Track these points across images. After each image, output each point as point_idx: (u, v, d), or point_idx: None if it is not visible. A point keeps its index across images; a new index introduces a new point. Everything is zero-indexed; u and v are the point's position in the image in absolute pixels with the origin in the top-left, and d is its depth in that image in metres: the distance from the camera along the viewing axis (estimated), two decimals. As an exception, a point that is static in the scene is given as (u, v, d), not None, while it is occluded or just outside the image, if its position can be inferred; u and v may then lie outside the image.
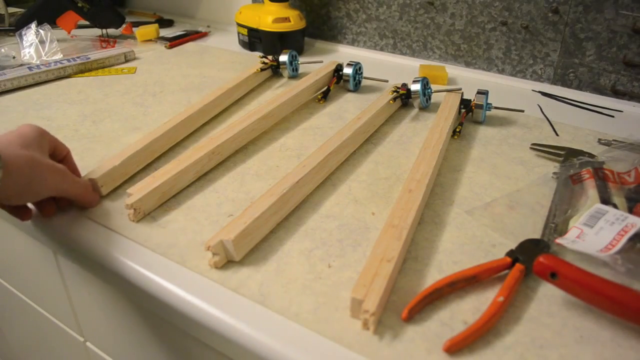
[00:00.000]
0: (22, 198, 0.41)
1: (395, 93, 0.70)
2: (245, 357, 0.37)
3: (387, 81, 0.80)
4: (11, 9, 1.21)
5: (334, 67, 0.79)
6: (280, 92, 0.70)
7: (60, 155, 0.47)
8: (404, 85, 0.72)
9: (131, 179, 0.54)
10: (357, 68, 0.78)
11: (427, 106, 0.72)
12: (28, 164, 0.39)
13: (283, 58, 0.81)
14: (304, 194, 0.50)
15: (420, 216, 0.47)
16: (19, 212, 0.45)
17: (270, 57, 0.84)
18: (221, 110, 0.71)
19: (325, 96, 0.75)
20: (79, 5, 0.98)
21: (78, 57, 0.86)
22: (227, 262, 0.42)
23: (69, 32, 1.01)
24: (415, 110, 0.72)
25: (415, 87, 0.69)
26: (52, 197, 0.45)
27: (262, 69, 0.80)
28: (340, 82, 0.79)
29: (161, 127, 0.60)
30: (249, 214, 0.43)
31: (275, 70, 0.84)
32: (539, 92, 0.80)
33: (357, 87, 0.79)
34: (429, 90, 0.72)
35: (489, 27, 0.84)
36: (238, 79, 0.76)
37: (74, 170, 0.49)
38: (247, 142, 0.61)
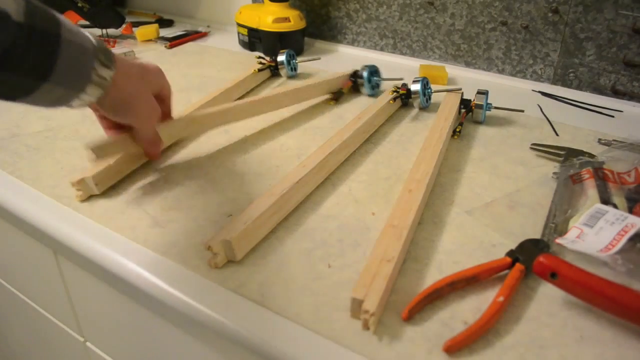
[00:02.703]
0: (116, 113, 0.44)
1: (395, 93, 0.70)
2: (245, 357, 0.37)
3: (402, 79, 0.77)
4: (11, 9, 1.20)
5: (349, 72, 0.77)
6: (277, 90, 0.70)
7: (163, 96, 0.51)
8: (404, 85, 0.72)
9: (128, 178, 0.54)
10: (375, 70, 0.77)
11: (427, 106, 0.72)
12: (134, 91, 0.44)
13: (281, 58, 0.82)
14: (304, 194, 0.50)
15: (420, 216, 0.47)
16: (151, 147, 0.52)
17: (268, 58, 0.84)
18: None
19: (337, 98, 0.74)
20: (79, 5, 0.98)
21: (78, 57, 0.86)
22: (227, 262, 0.42)
23: (69, 32, 1.01)
24: (415, 110, 0.72)
25: (415, 87, 0.69)
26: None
27: (259, 70, 0.80)
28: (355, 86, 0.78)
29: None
30: (249, 214, 0.43)
31: (273, 70, 0.84)
32: (539, 92, 0.80)
33: (374, 92, 0.78)
34: (429, 90, 0.72)
35: (489, 27, 0.84)
36: (236, 79, 0.76)
37: (168, 112, 0.53)
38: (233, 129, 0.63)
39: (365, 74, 0.76)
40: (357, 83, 0.77)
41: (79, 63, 0.38)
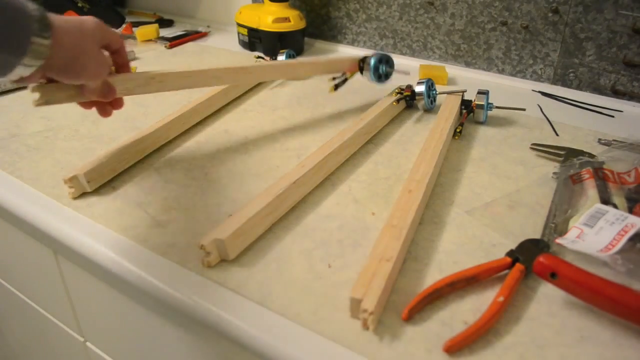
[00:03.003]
0: (65, 74, 0.43)
1: (399, 95, 0.70)
2: (245, 357, 0.37)
3: (408, 73, 0.75)
4: (11, 9, 1.20)
5: (357, 57, 0.72)
6: (277, 90, 0.69)
7: (114, 47, 0.48)
8: (409, 86, 0.71)
9: (120, 176, 0.54)
10: (386, 59, 0.72)
11: (431, 108, 0.71)
12: (77, 45, 0.42)
13: (280, 58, 0.81)
14: (301, 194, 0.50)
15: (420, 216, 0.47)
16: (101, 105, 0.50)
17: (267, 58, 0.84)
18: (216, 110, 0.71)
19: (338, 86, 0.69)
20: (79, 5, 0.98)
21: (78, 57, 0.86)
22: (227, 262, 0.42)
23: (69, 32, 1.01)
24: (420, 112, 0.72)
25: (420, 88, 0.69)
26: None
27: None
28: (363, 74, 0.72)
29: (152, 125, 0.60)
30: (243, 213, 0.43)
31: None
32: (539, 92, 0.80)
33: (381, 82, 0.72)
34: (434, 92, 0.72)
35: (489, 27, 0.84)
36: None
37: (124, 64, 0.51)
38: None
39: (372, 61, 0.70)
40: (364, 70, 0.71)
41: (16, 25, 0.37)
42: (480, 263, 0.40)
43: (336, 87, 0.70)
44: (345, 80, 0.71)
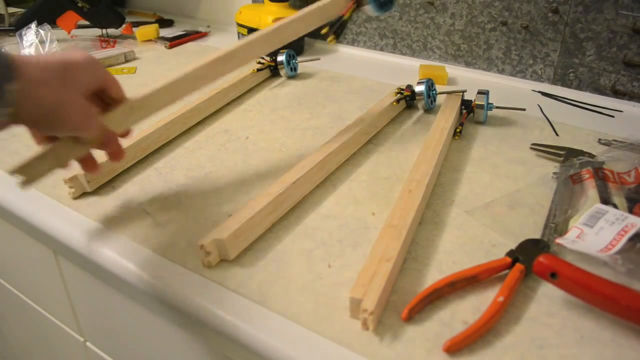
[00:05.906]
0: (40, 126, 0.38)
1: (399, 94, 0.70)
2: (245, 357, 0.37)
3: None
4: (11, 9, 1.21)
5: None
6: (277, 90, 0.69)
7: (106, 87, 0.42)
8: (409, 86, 0.71)
9: (120, 176, 0.54)
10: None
11: (431, 108, 0.71)
12: (56, 97, 0.37)
13: (280, 58, 0.82)
14: (301, 194, 0.50)
15: (420, 216, 0.47)
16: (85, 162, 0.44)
17: (267, 58, 0.84)
18: (216, 110, 0.71)
19: (337, 33, 0.63)
20: (79, 5, 0.98)
21: (78, 57, 0.86)
22: (227, 262, 0.42)
23: (69, 32, 1.01)
24: (420, 112, 0.72)
25: (420, 88, 0.69)
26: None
27: (258, 69, 0.80)
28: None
29: (153, 125, 0.60)
30: (243, 213, 0.43)
31: (273, 70, 0.84)
32: (539, 92, 0.80)
33: (385, 9, 0.61)
34: (434, 92, 0.72)
35: (489, 27, 0.84)
36: (235, 78, 0.76)
37: (120, 101, 0.44)
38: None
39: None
40: (362, 4, 0.60)
41: None
42: (480, 263, 0.40)
43: (336, 34, 0.62)
44: (343, 22, 0.61)
